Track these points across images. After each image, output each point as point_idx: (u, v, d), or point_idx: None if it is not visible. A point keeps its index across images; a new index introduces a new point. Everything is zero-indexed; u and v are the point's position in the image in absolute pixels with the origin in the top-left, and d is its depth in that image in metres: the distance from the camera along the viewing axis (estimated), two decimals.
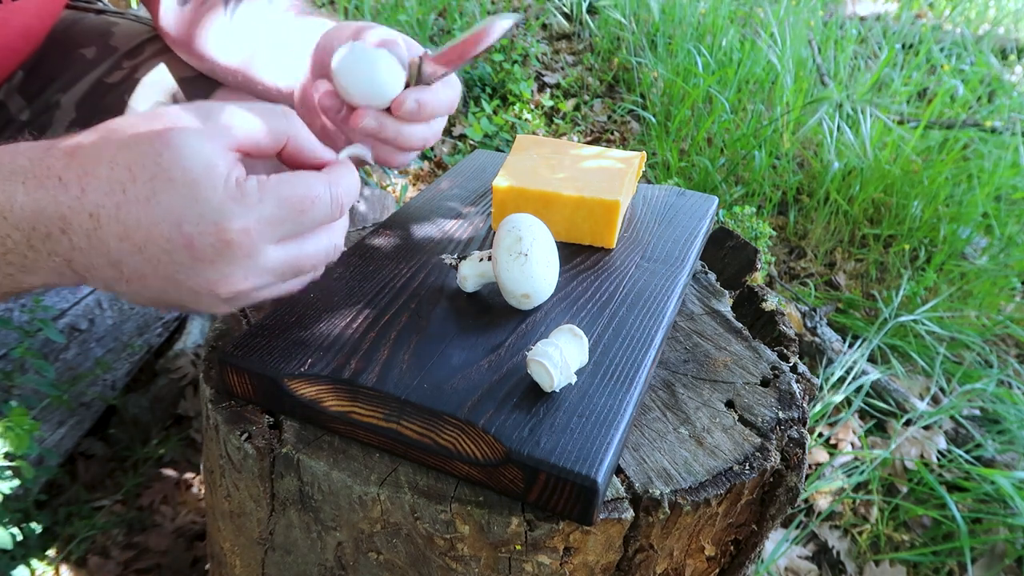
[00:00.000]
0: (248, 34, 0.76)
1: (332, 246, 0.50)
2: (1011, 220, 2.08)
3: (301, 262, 0.48)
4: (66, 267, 0.45)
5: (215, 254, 0.43)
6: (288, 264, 0.47)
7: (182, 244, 0.43)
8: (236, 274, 0.45)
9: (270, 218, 0.44)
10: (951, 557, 1.28)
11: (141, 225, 0.43)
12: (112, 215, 0.43)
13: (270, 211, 0.44)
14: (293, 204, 0.45)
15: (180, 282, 0.45)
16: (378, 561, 0.50)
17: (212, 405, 0.52)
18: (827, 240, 2.09)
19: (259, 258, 0.45)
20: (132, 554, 1.09)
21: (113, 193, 0.43)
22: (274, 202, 0.44)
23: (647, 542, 0.48)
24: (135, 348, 1.23)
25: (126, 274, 0.45)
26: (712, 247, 0.78)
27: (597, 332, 0.55)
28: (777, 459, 0.51)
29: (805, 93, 2.33)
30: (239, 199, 0.43)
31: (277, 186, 0.45)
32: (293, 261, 0.47)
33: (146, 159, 0.43)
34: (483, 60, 2.53)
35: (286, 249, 0.47)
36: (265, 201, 0.44)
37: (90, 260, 0.45)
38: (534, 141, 0.74)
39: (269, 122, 0.47)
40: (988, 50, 3.12)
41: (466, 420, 0.45)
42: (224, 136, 0.45)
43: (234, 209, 0.43)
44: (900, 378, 1.65)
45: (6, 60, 0.84)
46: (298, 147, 0.50)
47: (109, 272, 0.45)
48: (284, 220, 0.45)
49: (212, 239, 0.43)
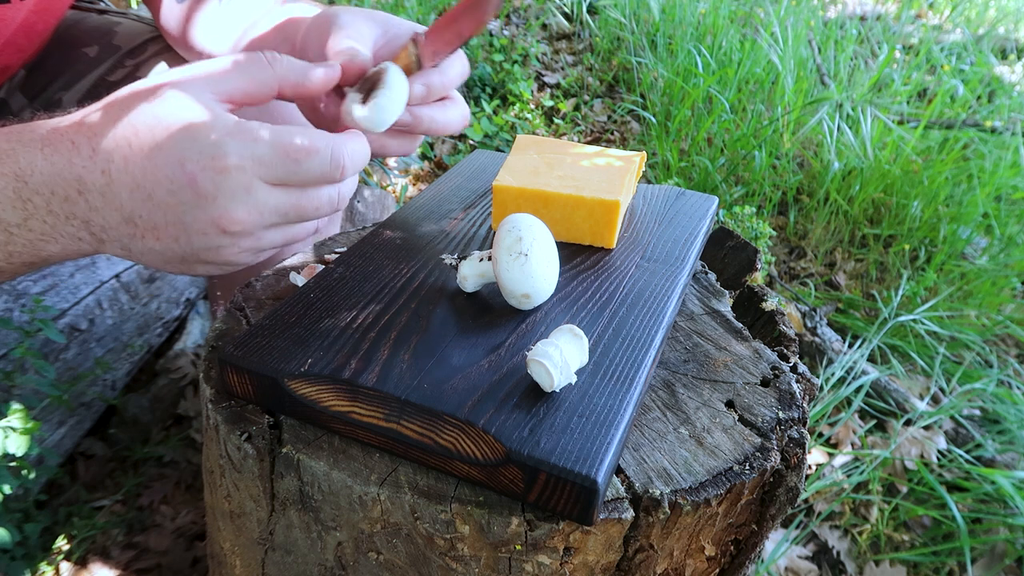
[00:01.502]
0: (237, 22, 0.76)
1: (335, 195, 0.52)
2: (1011, 220, 2.08)
3: (302, 204, 0.50)
4: (84, 230, 0.49)
5: (215, 188, 0.46)
6: (289, 205, 0.49)
7: (185, 182, 0.46)
8: (237, 208, 0.47)
9: (263, 158, 0.47)
10: (951, 557, 1.28)
11: (147, 172, 0.46)
12: (122, 168, 0.46)
13: (263, 151, 0.47)
14: (287, 151, 0.48)
15: (188, 225, 0.47)
16: (378, 561, 0.50)
17: (212, 405, 0.52)
18: (827, 240, 2.09)
19: (257, 193, 0.48)
20: (132, 554, 1.09)
21: (120, 148, 0.46)
22: (268, 144, 0.47)
23: (647, 542, 0.48)
24: (135, 348, 1.23)
25: (140, 227, 0.48)
26: (712, 247, 0.78)
27: (597, 332, 0.55)
28: (777, 459, 0.51)
29: (805, 93, 2.33)
30: (235, 135, 0.46)
31: (275, 131, 0.48)
32: (294, 203, 0.50)
33: (146, 114, 0.46)
34: (483, 60, 2.53)
35: (286, 193, 0.49)
36: (259, 142, 0.47)
37: (106, 219, 0.48)
38: (534, 141, 0.74)
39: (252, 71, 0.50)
40: (988, 50, 3.12)
41: (466, 420, 0.45)
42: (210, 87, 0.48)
43: (230, 143, 0.46)
44: (900, 378, 1.65)
45: (10, 58, 0.84)
46: (297, 84, 0.52)
47: (124, 229, 0.48)
48: (277, 164, 0.47)
49: (211, 172, 0.46)
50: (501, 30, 2.78)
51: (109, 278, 1.17)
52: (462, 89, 2.42)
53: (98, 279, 1.15)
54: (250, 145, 0.47)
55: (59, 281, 1.09)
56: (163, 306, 1.31)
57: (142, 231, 0.48)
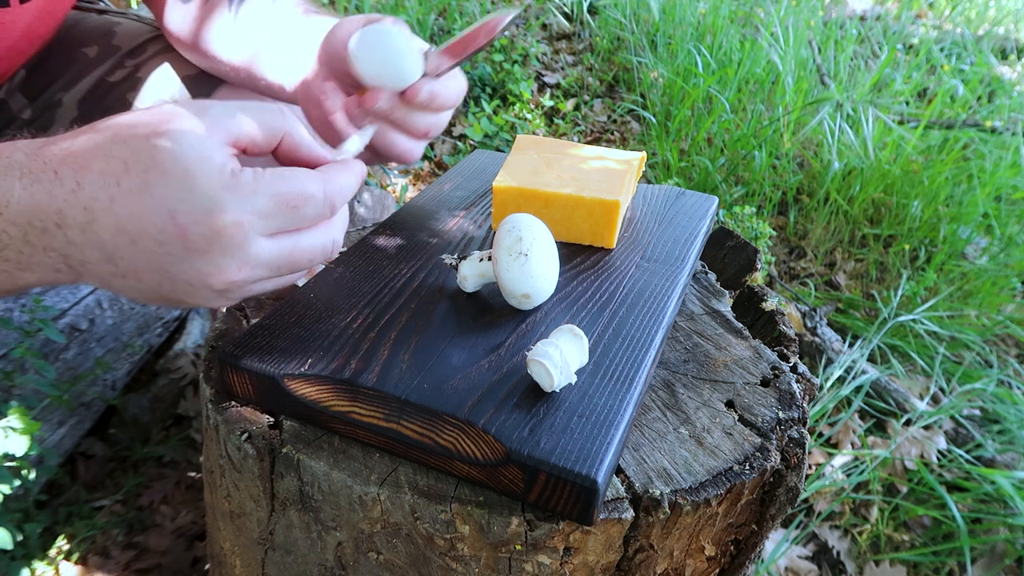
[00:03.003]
0: (252, 32, 0.76)
1: (329, 242, 0.50)
2: (1011, 220, 2.08)
3: (295, 256, 0.48)
4: (62, 263, 0.45)
5: (207, 244, 0.43)
6: (282, 258, 0.47)
7: (175, 235, 0.43)
8: (229, 265, 0.45)
9: (262, 211, 0.45)
10: (951, 557, 1.28)
11: (134, 216, 0.43)
12: (106, 208, 0.43)
13: (263, 204, 0.45)
14: (286, 199, 0.46)
15: (174, 275, 0.45)
16: (378, 561, 0.50)
17: (212, 405, 0.52)
18: (827, 240, 2.09)
19: (251, 249, 0.45)
20: (132, 554, 1.09)
21: (107, 186, 0.43)
22: (267, 195, 0.45)
23: (647, 542, 0.48)
24: (135, 348, 1.23)
25: (121, 268, 0.45)
26: (712, 247, 0.78)
27: (597, 332, 0.55)
28: (777, 459, 0.51)
29: (805, 93, 2.33)
30: (233, 189, 0.43)
31: (272, 180, 0.45)
32: (287, 255, 0.47)
33: (140, 152, 0.43)
34: (483, 60, 2.53)
35: (279, 243, 0.47)
36: (259, 193, 0.44)
37: (85, 255, 0.45)
38: (534, 141, 0.74)
39: (264, 118, 0.48)
40: (988, 50, 3.12)
41: (466, 420, 0.45)
42: (219, 131, 0.45)
43: (227, 198, 0.43)
44: (900, 378, 1.65)
45: (11, 61, 0.84)
46: (294, 144, 0.50)
47: (104, 267, 0.45)
48: (276, 214, 0.45)
49: (204, 228, 0.43)
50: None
51: None
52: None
53: None
54: (248, 198, 0.44)
55: None
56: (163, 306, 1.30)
57: (122, 272, 0.45)
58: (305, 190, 0.46)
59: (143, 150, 0.43)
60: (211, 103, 0.47)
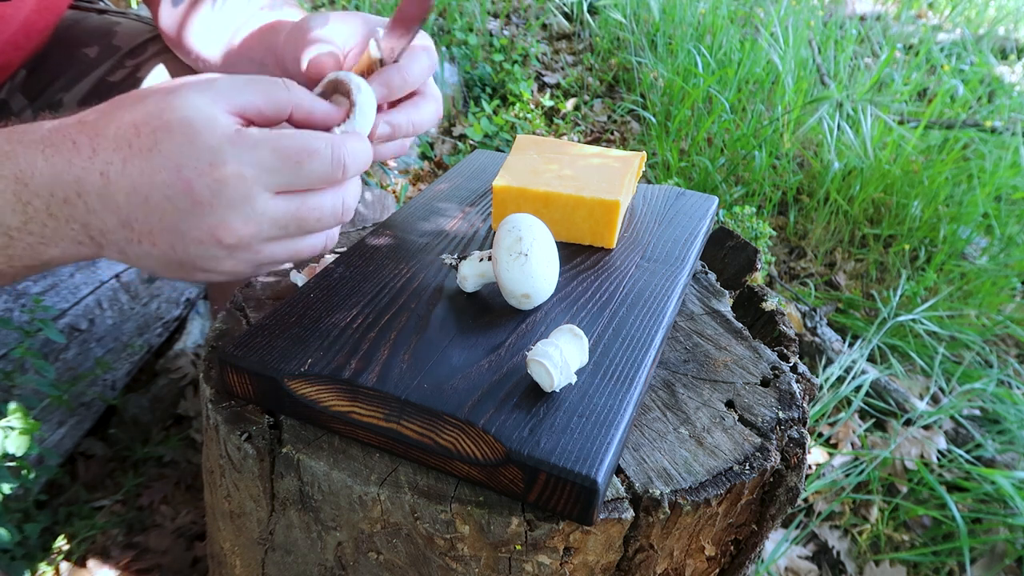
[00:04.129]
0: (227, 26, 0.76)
1: (339, 203, 0.50)
2: (1011, 220, 2.08)
3: (303, 214, 0.48)
4: (84, 234, 0.48)
5: (212, 196, 0.45)
6: (289, 215, 0.48)
7: (182, 189, 0.45)
8: (235, 219, 0.46)
9: (265, 164, 0.46)
10: (951, 557, 1.28)
11: (144, 174, 0.45)
12: (119, 170, 0.45)
13: (265, 157, 0.46)
14: (290, 154, 0.46)
15: (184, 233, 0.46)
16: (378, 561, 0.50)
17: (212, 405, 0.52)
18: (827, 240, 2.09)
19: (256, 203, 0.46)
20: (132, 554, 1.09)
21: (120, 149, 0.45)
22: (269, 149, 0.46)
23: (647, 542, 0.48)
24: (135, 348, 1.23)
25: (136, 231, 0.47)
26: (712, 247, 0.78)
27: (597, 332, 0.55)
28: (777, 459, 0.51)
29: (805, 93, 2.33)
30: (235, 143, 0.45)
31: (275, 136, 0.47)
32: (294, 212, 0.48)
33: (150, 115, 0.45)
34: (483, 60, 2.53)
35: (287, 201, 0.48)
36: (261, 147, 0.46)
37: (104, 222, 0.47)
38: (534, 141, 0.74)
39: (269, 90, 0.49)
40: (988, 50, 3.12)
41: (466, 420, 0.45)
42: (224, 98, 0.47)
43: (229, 150, 0.45)
44: (900, 378, 1.65)
45: (11, 56, 0.84)
46: (305, 114, 0.51)
47: (121, 233, 0.47)
48: (279, 168, 0.46)
49: (208, 180, 0.45)
50: (501, 30, 2.78)
51: (109, 278, 1.17)
52: (462, 90, 2.42)
53: (98, 279, 1.15)
54: (250, 151, 0.45)
55: (59, 281, 1.09)
56: (163, 306, 1.31)
57: (138, 235, 0.47)
58: (309, 146, 0.47)
59: (152, 113, 0.45)
60: (218, 76, 0.49)
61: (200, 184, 0.45)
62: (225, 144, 0.45)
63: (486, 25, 2.72)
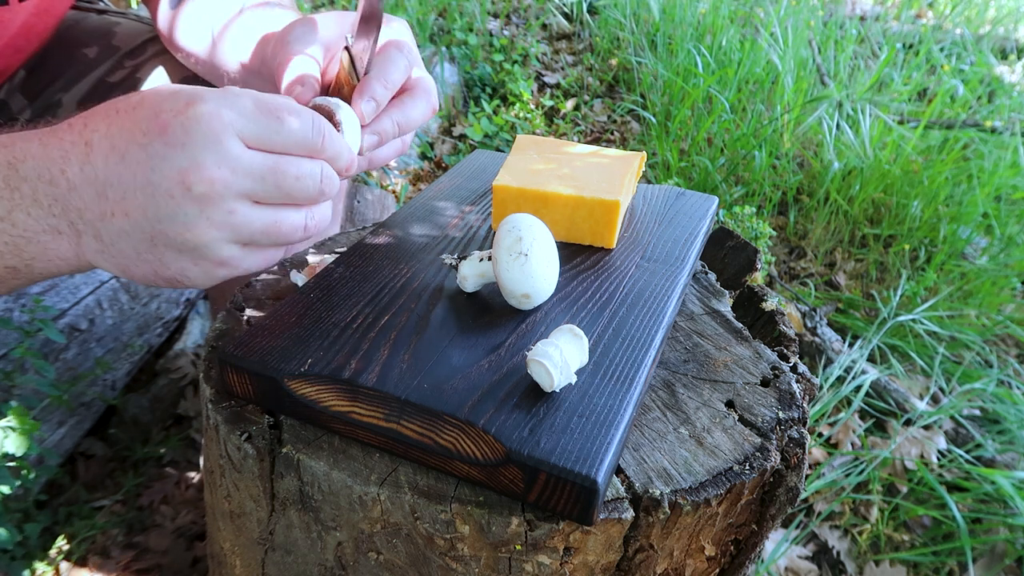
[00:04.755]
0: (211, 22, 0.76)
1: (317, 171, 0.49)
2: (1011, 220, 2.08)
3: (281, 169, 0.47)
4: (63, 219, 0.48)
5: (184, 133, 0.44)
6: (266, 168, 0.47)
7: (157, 131, 0.45)
8: (206, 159, 0.44)
9: (244, 110, 0.46)
10: (951, 557, 1.28)
11: (124, 131, 0.46)
12: (103, 133, 0.46)
13: (243, 103, 0.46)
14: (270, 108, 0.47)
15: (156, 184, 0.45)
16: (378, 561, 0.50)
17: (212, 405, 0.52)
18: (827, 240, 2.09)
19: (230, 145, 0.45)
20: (132, 554, 1.09)
21: (108, 116, 0.47)
22: (249, 97, 0.47)
23: (647, 542, 0.48)
24: (135, 348, 1.23)
25: (111, 200, 0.46)
26: (712, 247, 0.78)
27: (597, 332, 0.55)
28: (777, 459, 0.51)
29: (805, 93, 2.33)
30: (218, 91, 0.46)
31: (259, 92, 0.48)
32: (271, 167, 0.47)
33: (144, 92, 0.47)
34: (483, 60, 2.53)
35: (263, 155, 0.47)
36: (242, 96, 0.46)
37: (82, 198, 0.47)
38: (534, 141, 0.74)
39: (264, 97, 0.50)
40: (988, 50, 3.12)
41: (466, 420, 0.45)
42: None
43: (208, 94, 0.46)
44: (900, 378, 1.65)
45: (10, 59, 0.84)
46: None
47: (96, 208, 0.47)
48: (257, 118, 0.46)
49: (182, 117, 0.45)
50: (501, 30, 2.78)
51: (109, 278, 1.17)
52: (462, 90, 2.42)
53: (98, 279, 1.15)
54: (229, 97, 0.46)
55: (59, 281, 1.09)
56: (163, 306, 1.31)
57: (112, 206, 0.46)
58: (291, 105, 0.48)
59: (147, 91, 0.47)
60: None
61: (175, 124, 0.44)
62: (206, 91, 0.46)
63: (486, 25, 2.72)
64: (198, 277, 0.49)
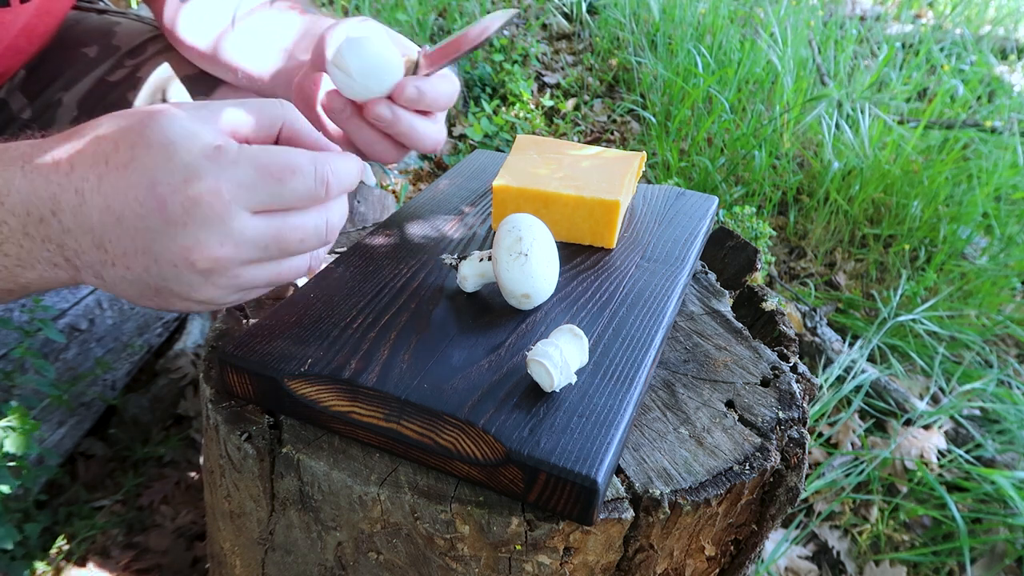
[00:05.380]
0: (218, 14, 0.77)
1: (322, 223, 0.48)
2: (1011, 220, 2.08)
3: (284, 235, 0.46)
4: (59, 255, 0.46)
5: (185, 214, 0.42)
6: (269, 236, 0.45)
7: (155, 207, 0.42)
8: (210, 239, 0.43)
9: (244, 181, 0.43)
10: (951, 557, 1.28)
11: (118, 191, 0.43)
12: (95, 187, 0.43)
13: (244, 174, 0.43)
14: (270, 170, 0.44)
15: (158, 255, 0.44)
16: (378, 561, 0.50)
17: (212, 405, 0.52)
18: (827, 240, 2.09)
19: (233, 223, 0.43)
20: (132, 554, 1.09)
21: (97, 165, 0.43)
22: (249, 165, 0.44)
23: (647, 542, 0.48)
24: (135, 348, 1.23)
25: (110, 254, 0.45)
26: (712, 247, 0.78)
27: (597, 332, 0.55)
28: (777, 459, 0.51)
29: (805, 93, 2.33)
30: (213, 158, 0.43)
31: (257, 152, 0.44)
32: (275, 233, 0.45)
33: (131, 131, 0.44)
34: (483, 60, 2.53)
35: (266, 220, 0.45)
36: (240, 163, 0.43)
37: (78, 243, 0.45)
38: (534, 141, 0.74)
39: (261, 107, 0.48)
40: (988, 50, 3.12)
41: (466, 420, 0.45)
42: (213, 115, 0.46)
43: (205, 166, 0.43)
44: (900, 378, 1.65)
45: (11, 60, 0.84)
46: (294, 132, 0.50)
47: (95, 255, 0.45)
48: (259, 186, 0.44)
49: (181, 197, 0.42)
50: (501, 30, 2.78)
51: None
52: (462, 90, 2.42)
53: None
54: (228, 168, 0.43)
55: None
56: None
57: (112, 258, 0.45)
58: (291, 162, 0.45)
59: (133, 129, 0.44)
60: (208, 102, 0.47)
61: (173, 201, 0.42)
62: (201, 160, 0.43)
63: None
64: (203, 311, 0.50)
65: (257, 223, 0.45)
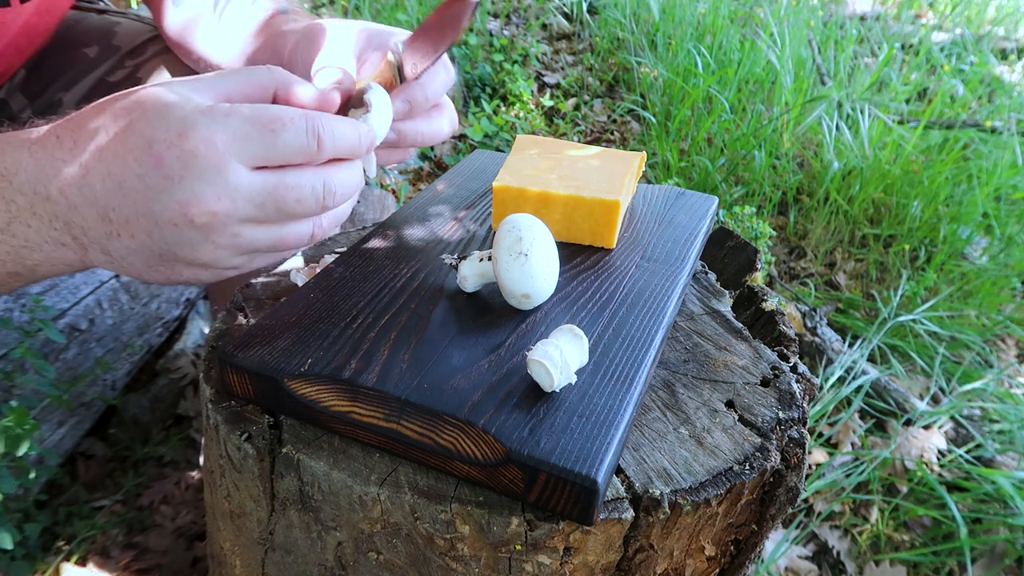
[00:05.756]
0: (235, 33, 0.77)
1: (319, 183, 0.48)
2: (1011, 220, 2.08)
3: (280, 192, 0.46)
4: (66, 233, 0.47)
5: (181, 167, 0.43)
6: (266, 192, 0.46)
7: (153, 165, 0.44)
8: (206, 192, 0.44)
9: (237, 132, 0.44)
10: (951, 557, 1.28)
11: (118, 157, 0.44)
12: (96, 157, 0.45)
13: (236, 124, 0.44)
14: (263, 122, 0.45)
15: (158, 215, 0.45)
16: (378, 561, 0.50)
17: (212, 405, 0.52)
18: (827, 240, 2.09)
19: (228, 175, 0.44)
20: (132, 554, 1.09)
21: (98, 137, 0.45)
22: (241, 117, 0.45)
23: (647, 542, 0.48)
24: (135, 348, 1.23)
25: (115, 223, 0.46)
26: (712, 247, 0.78)
27: (597, 332, 0.55)
28: (777, 459, 0.51)
29: (805, 93, 2.33)
30: (205, 113, 0.44)
31: (250, 107, 0.46)
32: (271, 190, 0.46)
33: (129, 104, 0.46)
34: (483, 60, 2.53)
35: (262, 177, 0.46)
36: (232, 115, 0.45)
37: (84, 218, 0.46)
38: (534, 141, 0.74)
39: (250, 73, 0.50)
40: (988, 50, 3.12)
41: (466, 420, 0.45)
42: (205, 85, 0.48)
43: (198, 119, 0.44)
44: (900, 378, 1.65)
45: (11, 59, 0.84)
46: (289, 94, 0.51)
47: (101, 228, 0.46)
48: (251, 137, 0.45)
49: (177, 151, 0.43)
50: (501, 30, 2.78)
51: (109, 278, 1.17)
52: (462, 90, 2.42)
53: (98, 279, 1.15)
54: (220, 120, 0.44)
55: (59, 281, 1.09)
56: (163, 306, 1.31)
57: (116, 228, 0.46)
58: (282, 114, 0.46)
59: (132, 101, 0.46)
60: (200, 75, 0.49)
61: (170, 156, 0.43)
62: (195, 114, 0.44)
63: (486, 25, 2.72)
64: (210, 278, 0.51)
65: (253, 178, 0.45)
